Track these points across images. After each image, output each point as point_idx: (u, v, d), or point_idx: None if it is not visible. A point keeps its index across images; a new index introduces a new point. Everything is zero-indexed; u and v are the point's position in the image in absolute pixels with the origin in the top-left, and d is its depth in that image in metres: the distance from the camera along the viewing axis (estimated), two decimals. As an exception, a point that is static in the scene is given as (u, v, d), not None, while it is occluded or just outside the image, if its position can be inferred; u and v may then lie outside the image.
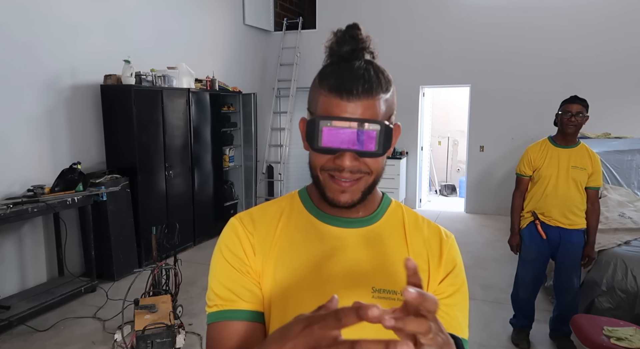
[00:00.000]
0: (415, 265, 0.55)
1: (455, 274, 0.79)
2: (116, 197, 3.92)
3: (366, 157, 0.71)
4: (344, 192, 0.73)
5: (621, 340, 2.18)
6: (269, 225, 0.81)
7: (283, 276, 0.76)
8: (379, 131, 0.68)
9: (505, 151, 6.15)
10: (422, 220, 0.84)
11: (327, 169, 0.72)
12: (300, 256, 0.78)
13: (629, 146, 4.48)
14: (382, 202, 0.84)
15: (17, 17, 3.48)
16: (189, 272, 3.99)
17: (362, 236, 0.79)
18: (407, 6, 6.39)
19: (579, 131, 2.57)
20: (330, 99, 0.70)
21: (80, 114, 4.05)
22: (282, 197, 0.87)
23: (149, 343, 2.40)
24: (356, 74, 0.70)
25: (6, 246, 3.46)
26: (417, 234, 0.81)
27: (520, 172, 2.74)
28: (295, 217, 0.82)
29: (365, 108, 0.69)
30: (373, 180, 0.74)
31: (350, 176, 0.72)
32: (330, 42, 0.75)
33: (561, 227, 2.62)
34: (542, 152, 2.66)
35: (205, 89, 5.18)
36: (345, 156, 0.70)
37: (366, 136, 0.68)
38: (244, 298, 0.75)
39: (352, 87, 0.69)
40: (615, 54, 5.59)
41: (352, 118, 0.68)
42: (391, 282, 0.76)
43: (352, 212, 0.79)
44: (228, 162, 5.65)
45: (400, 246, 0.80)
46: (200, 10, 5.62)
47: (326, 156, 0.72)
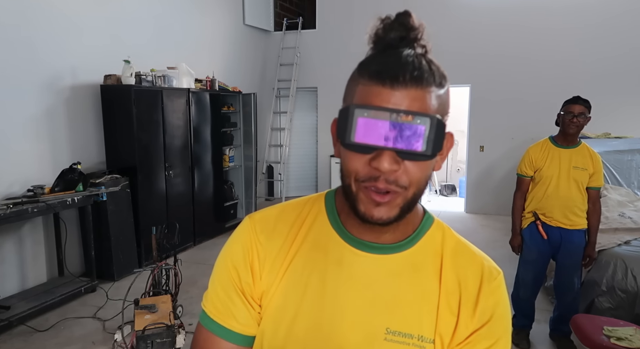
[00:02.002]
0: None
1: (493, 326, 0.66)
2: (116, 197, 3.92)
3: (411, 159, 0.58)
4: (378, 205, 0.60)
5: (621, 340, 2.18)
6: (285, 237, 0.70)
7: (287, 300, 0.68)
8: (429, 126, 0.56)
9: (505, 151, 6.15)
10: (464, 250, 0.69)
11: (362, 180, 0.60)
12: (312, 278, 0.68)
13: (629, 146, 4.48)
14: (420, 225, 0.70)
15: (17, 17, 3.47)
16: (189, 272, 3.99)
17: (388, 265, 0.67)
18: (407, 6, 6.27)
19: (580, 131, 2.56)
20: (371, 87, 0.59)
21: (80, 114, 4.04)
22: (308, 200, 0.74)
23: (149, 343, 2.40)
24: (404, 60, 0.59)
25: (6, 246, 3.46)
26: (454, 268, 0.68)
27: (521, 172, 2.73)
28: (317, 230, 0.70)
29: (413, 99, 0.57)
30: (413, 195, 0.61)
31: (386, 186, 0.58)
32: (376, 28, 0.64)
33: (562, 227, 2.62)
34: (543, 152, 2.65)
35: (205, 89, 5.18)
36: (384, 156, 0.57)
37: (412, 131, 0.56)
38: (239, 319, 0.69)
39: (398, 73, 0.57)
40: (615, 54, 5.59)
41: (395, 109, 0.56)
42: (410, 324, 0.65)
43: (382, 235, 0.67)
44: (228, 162, 5.65)
45: (430, 281, 0.67)
46: (200, 10, 5.62)
47: (361, 160, 0.59)
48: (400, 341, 0.64)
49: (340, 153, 0.63)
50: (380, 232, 0.67)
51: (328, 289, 0.67)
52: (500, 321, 0.66)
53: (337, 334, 0.65)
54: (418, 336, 0.64)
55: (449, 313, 0.65)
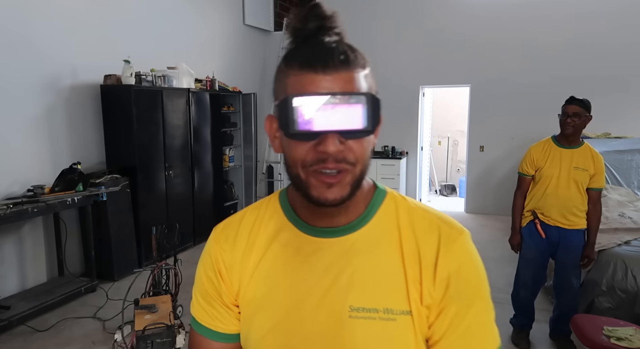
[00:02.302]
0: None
1: (459, 289, 0.66)
2: (116, 197, 3.92)
3: (353, 137, 0.60)
4: (330, 186, 0.61)
5: (621, 340, 2.18)
6: (247, 239, 0.74)
7: (258, 296, 0.72)
8: (365, 103, 0.59)
9: (505, 151, 6.15)
10: (420, 218, 0.70)
11: (310, 165, 0.61)
12: (277, 273, 0.71)
13: (629, 146, 4.48)
14: (372, 202, 0.71)
15: (17, 17, 3.47)
16: (189, 272, 3.97)
17: (345, 246, 0.68)
18: (407, 6, 6.39)
19: (580, 131, 2.56)
20: (303, 76, 0.60)
21: (80, 114, 4.04)
22: (262, 201, 0.78)
23: (149, 343, 2.40)
24: (329, 46, 0.62)
25: (6, 246, 3.46)
26: (412, 237, 0.68)
27: (522, 171, 2.74)
28: (275, 227, 0.73)
29: (345, 81, 0.60)
30: (360, 171, 0.63)
31: (335, 165, 0.60)
32: (293, 21, 0.66)
33: (560, 227, 2.62)
34: (544, 152, 2.65)
35: (205, 89, 5.18)
36: (329, 139, 0.59)
37: (351, 112, 0.58)
38: (222, 321, 0.75)
39: (327, 58, 0.60)
40: (615, 54, 5.59)
41: (332, 92, 0.58)
42: (373, 299, 0.66)
43: (335, 219, 0.69)
44: (228, 162, 5.65)
45: (391, 254, 0.68)
46: (200, 10, 5.62)
47: (305, 147, 0.61)
48: (365, 316, 0.65)
49: (282, 146, 0.65)
50: (333, 216, 0.68)
51: (292, 280, 0.70)
52: (467, 283, 0.67)
53: (306, 319, 0.68)
54: (384, 309, 0.65)
55: (416, 282, 0.66)
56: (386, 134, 6.64)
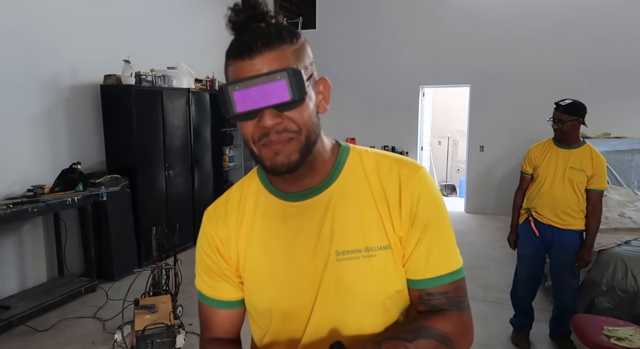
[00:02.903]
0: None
1: (420, 215, 0.76)
2: (116, 197, 3.92)
3: (286, 109, 0.68)
4: (277, 154, 0.70)
5: (621, 340, 2.18)
6: (236, 215, 0.83)
7: (258, 264, 0.81)
8: (287, 77, 0.66)
9: (505, 151, 6.15)
10: (382, 164, 0.79)
11: (258, 140, 0.70)
12: (270, 241, 0.80)
13: (629, 146, 4.48)
14: (337, 161, 0.80)
15: (17, 17, 3.47)
16: (189, 272, 3.97)
17: (321, 203, 0.78)
18: (407, 6, 6.39)
19: (571, 134, 2.56)
20: (235, 64, 0.70)
21: (80, 114, 4.04)
22: (244, 179, 0.87)
23: (149, 343, 2.40)
24: (254, 33, 0.70)
25: (6, 246, 3.46)
26: (379, 182, 0.78)
27: (522, 170, 2.80)
28: (257, 200, 0.83)
29: (271, 61, 0.67)
30: (305, 138, 0.71)
31: (277, 137, 0.69)
32: (229, 16, 0.74)
33: (553, 225, 2.63)
34: (543, 151, 2.69)
35: (205, 89, 5.18)
36: (265, 115, 0.67)
37: (277, 87, 0.66)
38: (224, 291, 0.85)
39: (251, 45, 0.68)
40: (615, 54, 5.59)
41: (256, 75, 0.67)
42: (353, 241, 0.76)
43: (304, 182, 0.78)
44: (228, 162, 5.65)
45: (362, 200, 0.77)
46: (200, 10, 5.62)
47: (250, 125, 0.70)
48: (350, 257, 0.76)
49: (239, 128, 0.74)
50: (301, 180, 0.77)
51: (283, 242, 0.79)
52: (424, 211, 0.77)
53: (302, 271, 0.78)
54: (365, 248, 0.76)
55: (388, 220, 0.77)
56: (386, 134, 6.64)
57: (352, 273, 0.76)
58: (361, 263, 0.76)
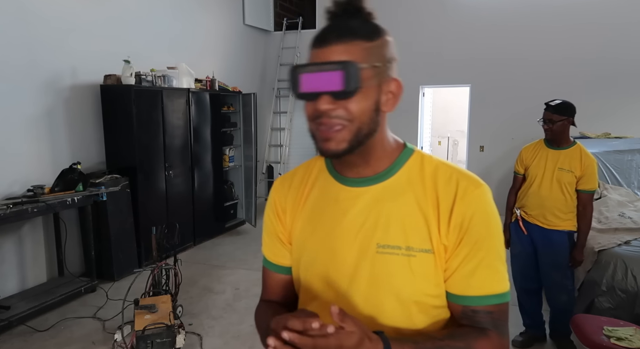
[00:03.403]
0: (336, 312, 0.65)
1: (471, 232, 0.76)
2: (116, 197, 3.92)
3: (341, 98, 0.73)
4: (328, 140, 0.76)
5: (621, 340, 2.18)
6: (298, 188, 0.91)
7: (304, 234, 0.88)
8: (344, 69, 0.71)
9: (505, 151, 6.14)
10: (441, 172, 0.81)
11: (312, 119, 0.76)
12: (318, 216, 0.86)
13: (629, 146, 4.48)
14: (398, 158, 0.83)
15: (17, 17, 3.47)
16: (189, 272, 3.99)
17: (374, 193, 0.82)
18: (407, 6, 6.39)
19: (561, 134, 2.57)
20: (311, 52, 0.77)
21: (80, 114, 4.04)
22: (316, 157, 0.93)
23: (149, 343, 2.40)
24: (335, 25, 0.77)
25: (6, 246, 3.46)
26: (433, 189, 0.79)
27: (514, 170, 2.87)
28: (319, 179, 0.90)
29: (338, 53, 0.73)
30: (357, 129, 0.75)
31: (328, 121, 0.74)
32: (329, 6, 0.79)
33: (541, 226, 2.65)
34: (534, 151, 2.74)
35: (205, 89, 5.18)
36: (321, 99, 0.74)
37: (333, 77, 0.72)
38: (281, 256, 0.93)
39: (326, 35, 0.75)
40: (616, 54, 5.59)
41: (319, 63, 0.74)
42: (396, 238, 0.79)
43: (359, 170, 0.83)
44: (228, 162, 5.65)
45: (412, 201, 0.79)
46: (200, 10, 5.62)
47: (310, 106, 0.76)
48: (389, 252, 0.79)
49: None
50: (356, 167, 0.83)
51: (330, 221, 0.84)
52: (478, 229, 0.77)
53: (341, 254, 0.82)
54: (405, 247, 0.78)
55: (435, 226, 0.78)
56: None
57: (389, 267, 0.79)
58: (399, 259, 0.78)
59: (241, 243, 5.12)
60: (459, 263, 0.77)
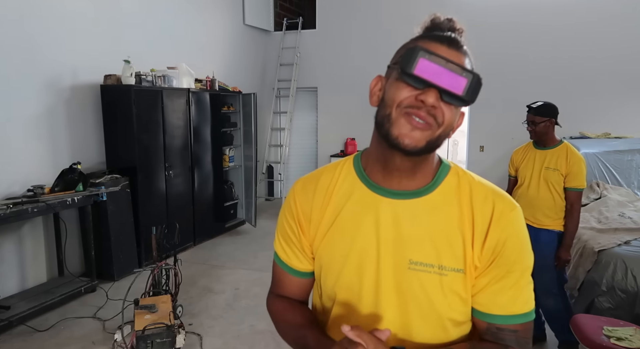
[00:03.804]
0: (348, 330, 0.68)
1: (504, 256, 0.77)
2: (116, 197, 3.92)
3: (451, 102, 0.72)
4: (413, 130, 0.72)
5: (621, 340, 2.18)
6: (324, 194, 0.87)
7: (332, 244, 0.85)
8: (471, 79, 0.71)
9: (505, 151, 6.12)
10: (478, 193, 0.80)
11: (405, 106, 0.72)
12: (348, 226, 0.83)
13: (629, 146, 4.48)
14: (437, 174, 0.82)
15: (17, 17, 3.47)
16: (189, 272, 3.99)
17: (411, 208, 0.80)
18: (406, 6, 6.39)
19: (545, 135, 2.61)
20: (432, 44, 0.74)
21: (80, 114, 4.04)
22: (337, 164, 0.90)
23: (149, 343, 2.40)
24: (455, 36, 0.78)
25: (6, 246, 3.46)
26: (469, 209, 0.79)
27: (508, 173, 2.94)
28: (348, 187, 0.85)
29: (460, 59, 0.73)
30: (439, 136, 0.74)
31: (425, 116, 0.71)
32: (437, 17, 0.82)
33: (531, 225, 2.64)
34: (523, 153, 2.79)
35: (205, 89, 5.18)
36: (430, 92, 0.70)
37: (459, 80, 0.70)
38: (298, 261, 0.91)
39: (454, 41, 0.75)
40: (616, 54, 5.59)
41: (452, 60, 0.71)
42: (430, 256, 0.78)
43: (402, 182, 0.80)
44: (228, 162, 5.65)
45: (448, 220, 0.79)
46: (201, 10, 5.62)
47: (408, 91, 0.72)
48: (422, 269, 0.78)
49: (386, 89, 0.77)
50: (401, 179, 0.80)
51: (365, 234, 0.81)
52: (510, 253, 0.77)
53: (374, 267, 0.81)
54: (438, 265, 0.77)
55: (469, 246, 0.78)
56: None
57: (420, 284, 0.78)
58: (432, 277, 0.78)
59: (241, 243, 5.12)
60: (487, 281, 0.78)
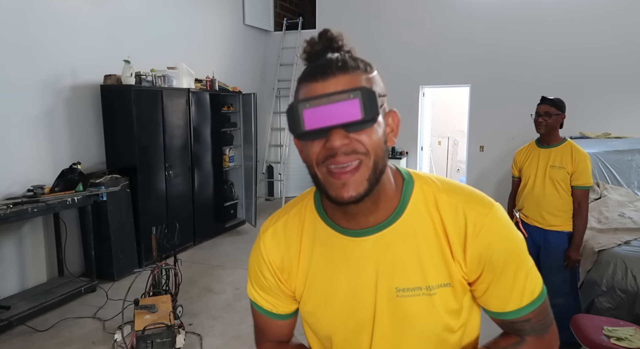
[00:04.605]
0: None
1: (493, 258, 0.74)
2: (116, 197, 3.92)
3: (356, 129, 0.65)
4: (345, 184, 0.66)
5: (621, 340, 2.18)
6: (296, 244, 0.83)
7: (315, 293, 0.81)
8: (361, 96, 0.64)
9: (505, 151, 6.14)
10: (446, 205, 0.75)
11: (322, 161, 0.67)
12: (329, 272, 0.80)
13: (629, 146, 4.48)
14: (402, 197, 0.77)
15: (17, 17, 3.47)
16: (189, 272, 3.99)
17: (382, 240, 0.76)
18: (407, 6, 6.39)
19: (554, 129, 2.59)
20: (308, 85, 0.68)
21: (80, 114, 4.04)
22: (300, 204, 0.85)
23: (149, 343, 2.40)
24: (330, 58, 0.70)
25: (6, 246, 3.46)
26: (441, 222, 0.75)
27: (511, 174, 2.88)
28: (317, 232, 0.81)
29: (345, 84, 0.66)
30: (374, 163, 0.68)
31: (345, 159, 0.65)
32: (306, 46, 0.75)
33: (539, 227, 2.64)
34: (526, 153, 2.75)
35: (205, 89, 5.18)
36: (333, 135, 0.65)
37: (349, 106, 0.64)
38: (282, 306, 0.87)
39: (326, 67, 0.68)
40: (616, 54, 5.59)
41: (329, 93, 0.65)
42: (414, 279, 0.75)
43: (366, 219, 0.75)
44: (228, 162, 5.65)
45: (423, 240, 0.75)
46: (201, 10, 5.62)
47: (317, 145, 0.67)
48: (410, 294, 0.76)
49: (300, 149, 0.72)
50: (364, 217, 0.75)
51: (344, 274, 0.78)
52: (497, 257, 0.74)
53: (360, 304, 0.79)
54: (425, 287, 0.75)
55: (450, 260, 0.75)
56: (386, 134, 6.63)
57: (412, 309, 0.76)
58: (422, 300, 0.76)
59: (241, 243, 5.12)
60: (486, 287, 0.77)
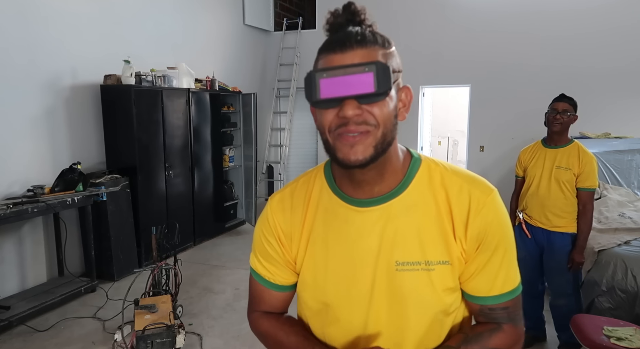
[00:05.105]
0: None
1: (487, 240, 0.78)
2: (116, 197, 3.92)
3: (368, 101, 0.69)
4: (352, 146, 0.70)
5: (621, 340, 2.18)
6: (301, 210, 0.86)
7: (316, 259, 0.84)
8: (375, 70, 0.68)
9: (505, 151, 6.14)
10: (451, 184, 0.79)
11: (335, 129, 0.71)
12: (328, 238, 0.82)
13: (629, 146, 4.47)
14: (408, 171, 0.81)
15: (17, 17, 3.47)
16: (189, 272, 3.99)
17: (386, 212, 0.79)
18: (407, 6, 6.39)
19: (566, 129, 2.56)
20: (327, 56, 0.72)
21: (80, 114, 4.04)
22: (310, 175, 0.88)
23: (149, 343, 2.40)
24: (349, 31, 0.73)
25: (6, 246, 3.46)
26: (445, 200, 0.79)
27: (515, 173, 2.84)
28: (323, 200, 0.84)
29: (361, 57, 0.70)
30: (382, 134, 0.72)
31: (356, 128, 0.70)
32: (329, 17, 0.77)
33: (543, 228, 2.63)
34: (532, 153, 2.71)
35: (205, 89, 5.18)
36: (347, 105, 0.69)
37: (363, 79, 0.68)
38: (282, 277, 0.89)
39: (345, 40, 0.71)
40: (616, 54, 5.59)
41: (345, 65, 0.69)
42: (414, 254, 0.78)
43: (374, 189, 0.79)
44: (228, 162, 5.65)
45: (426, 215, 0.78)
46: (201, 10, 5.62)
47: (331, 114, 0.71)
48: (409, 268, 0.78)
49: (315, 117, 0.76)
50: (371, 186, 0.79)
51: (345, 245, 0.81)
52: (492, 236, 0.78)
53: (360, 276, 0.80)
54: (424, 261, 0.78)
55: (451, 238, 0.78)
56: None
57: (410, 284, 0.78)
58: (420, 275, 0.78)
59: (241, 243, 5.12)
60: (475, 267, 0.79)
